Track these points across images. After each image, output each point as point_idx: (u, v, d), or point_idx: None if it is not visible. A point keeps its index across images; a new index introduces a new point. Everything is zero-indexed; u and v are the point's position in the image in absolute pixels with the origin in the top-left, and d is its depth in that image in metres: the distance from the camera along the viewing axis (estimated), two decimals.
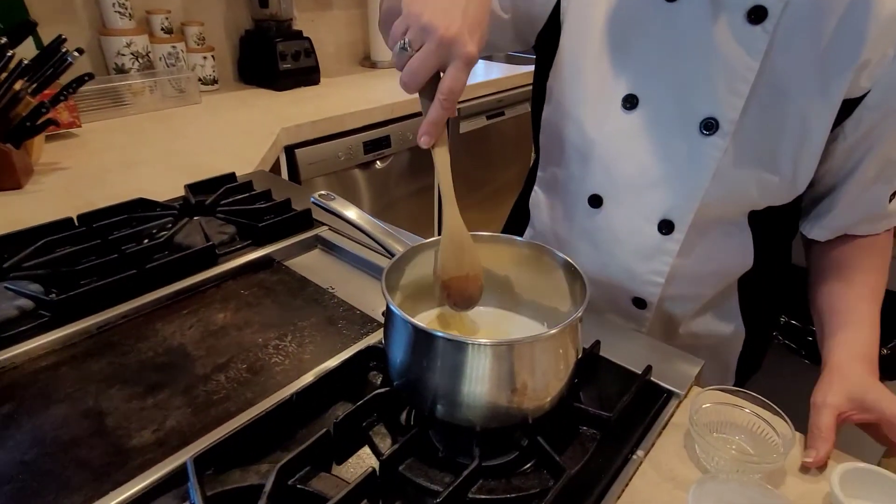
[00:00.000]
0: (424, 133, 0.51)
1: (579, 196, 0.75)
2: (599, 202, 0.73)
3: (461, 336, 0.45)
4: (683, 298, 0.75)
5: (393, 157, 1.82)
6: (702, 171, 0.64)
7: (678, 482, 0.51)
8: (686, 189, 0.66)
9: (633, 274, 0.74)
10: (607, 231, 0.73)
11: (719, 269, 0.74)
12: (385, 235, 0.61)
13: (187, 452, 0.52)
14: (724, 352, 0.83)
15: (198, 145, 1.34)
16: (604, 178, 0.71)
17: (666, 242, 0.69)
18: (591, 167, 0.71)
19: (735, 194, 0.66)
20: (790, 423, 0.50)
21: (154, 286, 0.76)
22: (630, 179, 0.69)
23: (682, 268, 0.72)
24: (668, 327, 0.79)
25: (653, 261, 0.71)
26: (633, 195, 0.70)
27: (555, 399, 0.50)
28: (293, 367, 0.64)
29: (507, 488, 0.48)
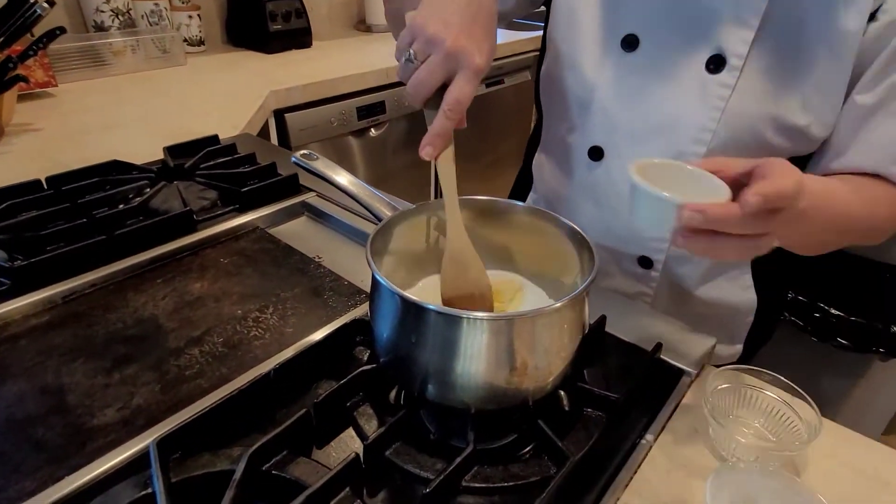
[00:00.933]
0: (428, 144, 0.48)
1: (579, 150, 0.70)
2: (600, 154, 0.68)
3: (454, 309, 0.40)
4: (693, 260, 0.70)
5: (388, 124, 1.75)
6: (709, 113, 0.59)
7: (691, 470, 0.47)
8: (691, 134, 0.61)
9: (637, 231, 0.69)
10: (609, 185, 0.68)
11: None
12: (372, 199, 0.55)
13: (153, 433, 0.47)
14: (734, 323, 0.78)
15: (181, 108, 1.27)
16: (604, 128, 0.67)
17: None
18: (591, 116, 0.67)
19: (747, 139, 0.60)
20: (816, 407, 0.45)
21: (126, 253, 0.70)
22: (631, 127, 0.64)
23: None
24: (676, 292, 0.74)
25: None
26: (634, 144, 0.65)
27: (557, 379, 0.45)
28: (273, 342, 0.59)
29: (505, 476, 0.44)
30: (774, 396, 0.49)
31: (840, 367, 1.27)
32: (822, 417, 0.45)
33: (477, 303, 0.51)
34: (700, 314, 0.75)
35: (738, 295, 0.75)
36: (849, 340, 1.17)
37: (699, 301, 0.74)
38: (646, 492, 0.45)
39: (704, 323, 0.75)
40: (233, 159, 0.93)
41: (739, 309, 0.76)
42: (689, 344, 0.59)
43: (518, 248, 0.56)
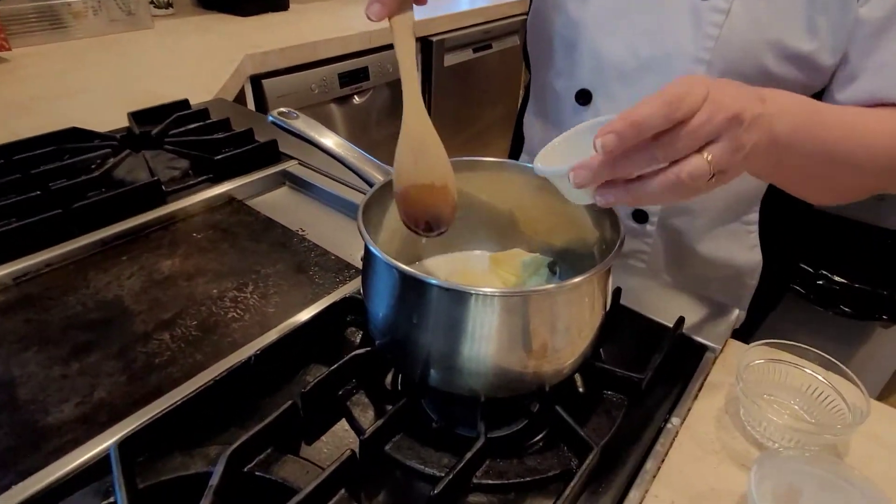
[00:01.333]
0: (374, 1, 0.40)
1: (567, 95, 0.66)
2: (588, 98, 0.64)
3: (461, 284, 0.35)
4: (689, 210, 0.66)
5: (372, 91, 1.66)
6: (702, 42, 0.55)
7: (723, 456, 0.42)
8: (685, 67, 0.56)
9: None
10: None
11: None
12: (362, 162, 0.49)
13: (118, 431, 0.41)
14: (737, 285, 0.73)
15: (147, 73, 1.18)
16: (591, 68, 0.62)
17: None
18: (578, 57, 0.63)
19: (747, 69, 0.54)
20: (863, 388, 0.41)
21: (86, 228, 0.63)
22: (620, 65, 0.60)
23: None
24: (675, 249, 0.69)
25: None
26: (624, 83, 0.60)
27: (578, 361, 0.40)
28: (254, 324, 0.53)
29: (521, 470, 0.39)
30: (814, 374, 0.44)
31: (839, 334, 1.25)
32: (870, 399, 0.40)
33: (436, 195, 0.44)
34: (701, 275, 0.70)
35: (743, 255, 0.70)
36: (851, 308, 1.14)
37: (700, 260, 0.69)
38: (676, 482, 0.40)
39: (705, 285, 0.71)
40: (205, 125, 0.85)
41: (743, 270, 0.72)
42: (710, 317, 0.54)
43: (525, 215, 0.51)
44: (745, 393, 0.43)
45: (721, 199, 0.65)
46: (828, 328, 1.23)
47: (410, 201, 0.44)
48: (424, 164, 0.43)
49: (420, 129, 0.43)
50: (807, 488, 0.37)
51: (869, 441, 0.43)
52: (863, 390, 0.41)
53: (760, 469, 0.36)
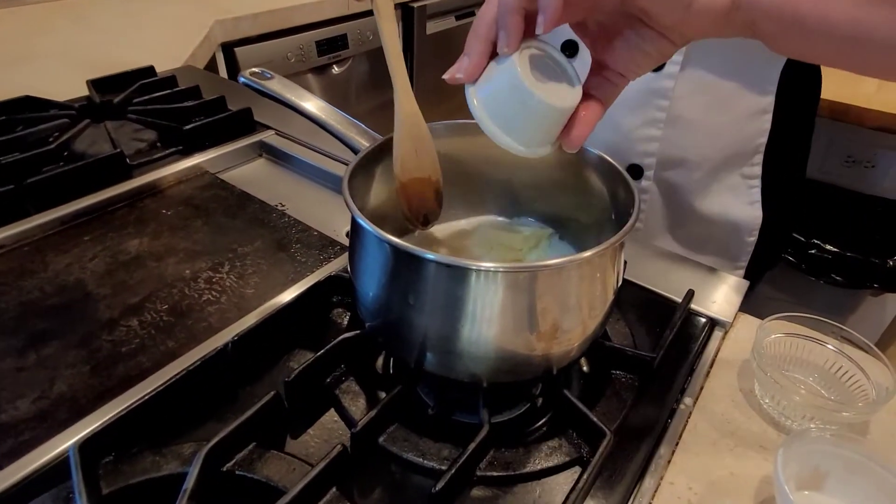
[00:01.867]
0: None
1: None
2: (574, 49, 0.60)
3: (462, 259, 0.31)
4: (686, 163, 0.62)
5: (352, 60, 1.59)
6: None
7: (739, 437, 0.40)
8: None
9: (622, 133, 0.61)
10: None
11: (729, 122, 0.60)
12: (346, 126, 0.44)
13: (81, 429, 0.37)
14: (735, 243, 0.71)
15: (109, 40, 1.10)
16: None
17: (658, 80, 0.57)
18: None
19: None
20: (890, 365, 0.38)
21: (43, 206, 0.58)
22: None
23: (681, 116, 0.59)
24: (673, 206, 0.66)
25: (645, 108, 0.59)
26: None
27: (587, 342, 0.37)
28: (231, 307, 0.49)
29: (527, 459, 0.36)
30: (835, 350, 0.41)
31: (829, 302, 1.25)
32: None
33: (430, 188, 0.42)
34: (699, 233, 0.68)
35: (743, 210, 0.67)
36: (843, 276, 1.14)
37: (698, 216, 0.67)
38: (693, 468, 0.37)
39: (703, 244, 0.69)
40: (172, 93, 0.79)
41: (741, 226, 0.69)
42: (719, 289, 0.52)
43: (524, 182, 0.47)
44: (761, 369, 0.40)
45: (719, 150, 0.62)
46: (819, 297, 1.23)
47: (411, 195, 0.42)
48: (423, 156, 0.41)
49: (415, 118, 0.40)
50: (833, 471, 0.35)
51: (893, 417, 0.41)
52: (889, 366, 0.38)
53: (786, 452, 0.34)
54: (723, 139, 0.61)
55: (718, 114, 0.59)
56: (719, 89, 0.58)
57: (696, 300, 0.49)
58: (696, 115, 0.59)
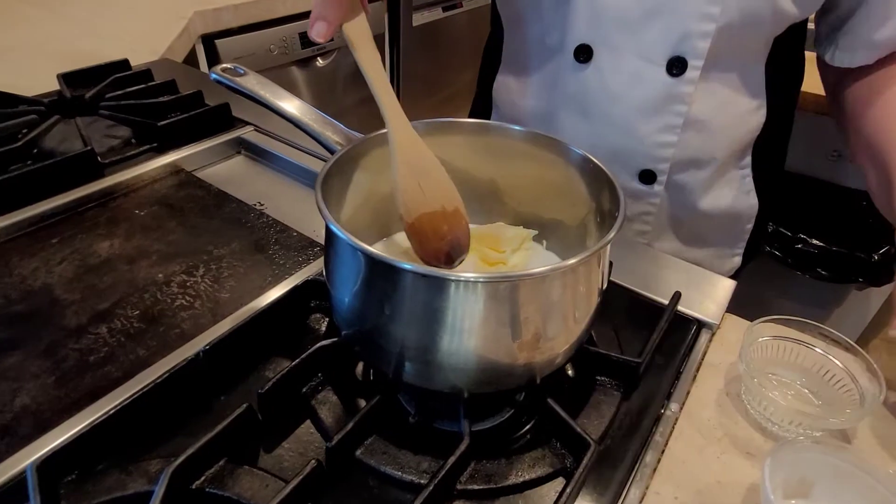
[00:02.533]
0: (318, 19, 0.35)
1: (562, 53, 0.59)
2: (588, 54, 0.57)
3: (440, 270, 0.29)
4: (696, 163, 0.61)
5: (337, 52, 1.56)
6: None
7: (727, 444, 0.39)
8: (697, 8, 0.51)
9: (638, 138, 0.59)
10: (601, 90, 0.58)
11: (734, 121, 0.60)
12: (321, 125, 0.42)
13: (41, 446, 0.35)
14: (734, 232, 0.71)
15: (84, 32, 1.06)
16: (589, 19, 0.55)
17: (678, 86, 0.55)
18: (573, 8, 0.55)
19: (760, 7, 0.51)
20: (878, 369, 0.38)
21: (8, 206, 0.55)
22: (624, 11, 0.53)
23: (696, 120, 0.58)
24: (678, 207, 0.65)
25: (663, 114, 0.57)
26: (629, 33, 0.54)
27: (572, 349, 0.36)
28: (206, 312, 0.47)
29: (510, 472, 0.35)
30: (823, 353, 0.41)
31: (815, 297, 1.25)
32: (883, 381, 0.37)
33: (450, 220, 0.39)
34: (704, 227, 0.67)
35: (742, 200, 0.67)
36: (828, 271, 1.14)
37: (703, 212, 0.66)
38: (679, 476, 0.37)
39: (706, 237, 0.68)
40: (147, 87, 0.76)
41: (741, 216, 0.69)
42: (704, 289, 0.51)
43: (509, 183, 0.45)
44: (748, 373, 0.39)
45: (725, 148, 0.61)
46: (804, 291, 1.23)
47: (425, 233, 0.39)
48: (430, 188, 0.38)
49: (414, 149, 0.38)
50: (820, 479, 0.34)
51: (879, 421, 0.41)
52: (876, 370, 0.38)
53: (773, 462, 0.33)
54: (728, 137, 0.60)
55: (725, 113, 0.58)
56: (727, 91, 0.57)
57: (683, 301, 0.48)
58: (708, 117, 0.58)
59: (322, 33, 0.34)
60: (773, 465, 0.33)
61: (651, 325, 0.45)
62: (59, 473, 0.32)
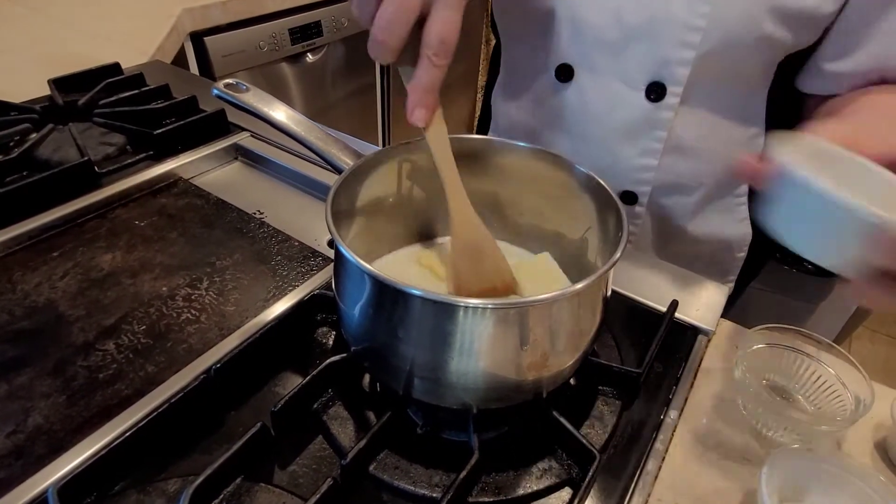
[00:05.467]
0: (418, 106, 0.36)
1: (545, 71, 0.60)
2: (569, 73, 0.58)
3: (449, 297, 0.30)
4: (681, 188, 0.62)
5: (327, 48, 1.55)
6: (695, 7, 0.49)
7: (725, 450, 0.40)
8: (677, 35, 0.51)
9: (618, 159, 0.59)
10: (581, 110, 0.59)
11: (723, 148, 0.59)
12: (327, 143, 0.43)
13: (58, 468, 0.36)
14: (725, 259, 0.72)
15: (70, 32, 1.05)
16: (571, 40, 0.56)
17: (657, 112, 0.55)
18: (556, 28, 0.56)
19: (742, 34, 0.50)
20: (868, 378, 0.39)
21: (6, 221, 0.55)
22: (603, 33, 0.54)
23: (677, 146, 0.58)
24: (664, 229, 0.66)
25: (642, 138, 0.57)
26: (608, 55, 0.55)
27: (577, 362, 0.37)
28: (212, 325, 0.48)
29: (518, 483, 0.36)
30: (816, 360, 0.42)
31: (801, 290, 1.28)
32: (873, 388, 0.39)
33: (500, 294, 0.41)
34: (690, 252, 0.68)
35: (733, 228, 0.67)
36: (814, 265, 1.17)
37: (690, 238, 0.67)
38: (680, 483, 0.38)
39: (694, 262, 0.68)
40: (141, 93, 0.76)
41: (732, 243, 0.70)
42: (699, 296, 0.52)
43: (510, 196, 0.46)
44: (743, 381, 0.41)
45: (713, 175, 0.61)
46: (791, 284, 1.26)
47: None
48: (484, 268, 0.40)
49: (473, 230, 0.40)
50: (815, 485, 0.36)
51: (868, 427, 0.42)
52: (867, 378, 0.39)
53: (769, 470, 0.34)
54: (718, 165, 0.60)
55: (714, 141, 0.58)
56: (715, 118, 0.57)
57: (679, 308, 0.50)
58: (693, 144, 0.58)
59: (423, 119, 0.36)
60: (769, 472, 0.34)
61: (648, 331, 0.47)
62: (79, 496, 0.33)
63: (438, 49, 0.34)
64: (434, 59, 0.34)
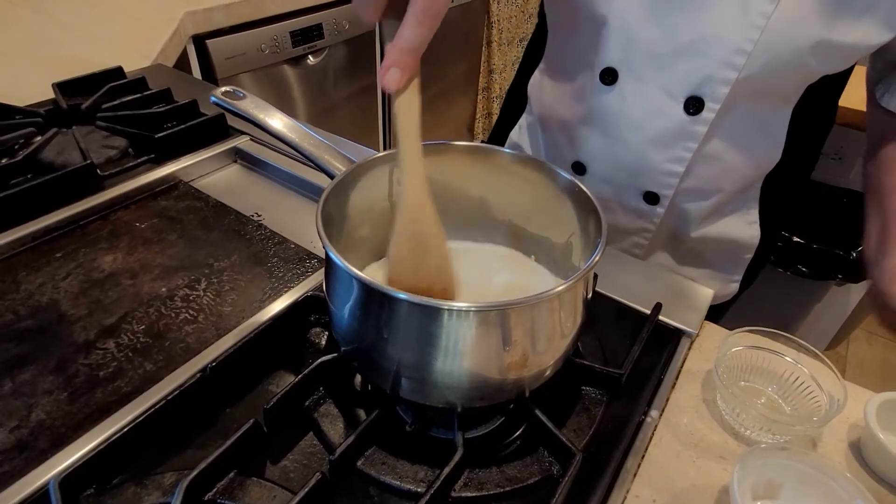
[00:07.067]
0: (394, 65, 0.33)
1: (589, 71, 0.61)
2: (614, 77, 0.59)
3: (433, 300, 0.31)
4: (701, 193, 0.63)
5: (328, 50, 1.56)
6: (747, 32, 0.51)
7: (702, 449, 0.42)
8: (724, 57, 0.52)
9: (648, 164, 0.61)
10: (620, 114, 0.60)
11: (746, 160, 0.61)
12: (320, 149, 0.44)
13: (60, 461, 0.37)
14: (733, 260, 0.73)
15: (73, 34, 1.06)
16: (621, 46, 0.57)
17: (692, 125, 0.57)
18: (607, 32, 0.57)
19: (787, 61, 0.51)
20: (842, 379, 0.41)
21: (11, 223, 0.57)
22: (653, 45, 0.55)
23: (704, 156, 0.60)
24: (678, 228, 0.68)
25: (673, 147, 0.59)
26: (655, 66, 0.56)
27: (559, 362, 0.38)
28: (209, 325, 0.49)
29: (501, 479, 0.37)
30: (793, 362, 0.44)
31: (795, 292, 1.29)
32: (847, 389, 0.40)
33: (434, 295, 0.39)
34: (698, 251, 0.69)
35: (743, 230, 0.69)
36: (809, 268, 1.18)
37: (700, 237, 0.68)
38: (657, 480, 0.39)
39: (701, 260, 0.70)
40: (143, 97, 0.77)
41: (741, 244, 0.71)
42: (683, 299, 0.53)
43: (499, 199, 0.48)
44: (721, 381, 0.42)
45: (734, 181, 0.63)
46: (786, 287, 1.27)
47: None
48: (424, 263, 0.39)
49: (421, 215, 0.38)
50: (787, 483, 0.37)
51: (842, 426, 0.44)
52: (840, 379, 0.41)
53: (742, 467, 0.36)
54: (738, 172, 0.62)
55: (738, 151, 0.60)
56: (743, 132, 0.59)
57: (664, 310, 0.51)
58: (719, 154, 0.60)
59: (397, 81, 0.34)
60: (741, 470, 0.36)
61: (634, 333, 0.48)
62: (79, 488, 0.34)
63: (428, 7, 0.32)
64: (421, 16, 0.32)
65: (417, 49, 0.33)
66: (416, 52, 0.33)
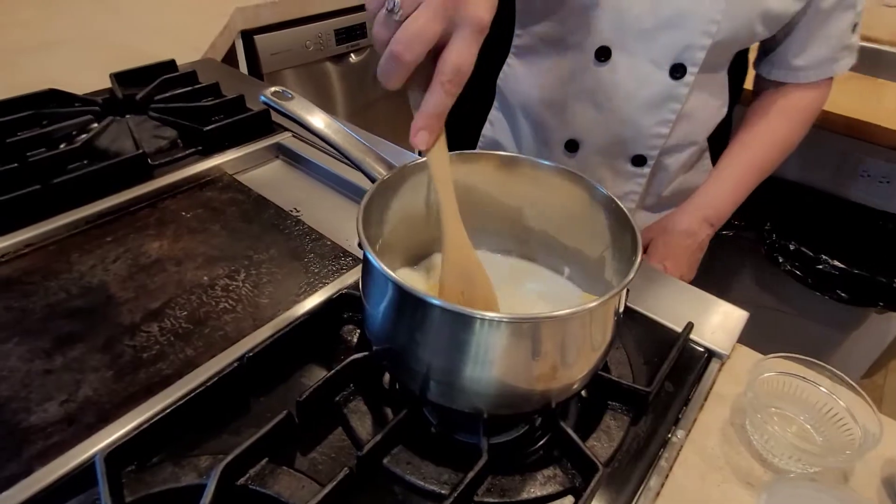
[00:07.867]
0: (422, 128, 0.37)
1: (583, 51, 0.67)
2: (608, 55, 0.66)
3: (467, 308, 0.32)
4: (679, 149, 0.73)
5: (370, 49, 1.59)
6: (716, 4, 0.60)
7: (728, 473, 0.41)
8: (700, 27, 0.62)
9: (637, 129, 0.69)
10: (613, 86, 0.67)
11: (712, 114, 0.73)
12: (362, 152, 0.45)
13: (105, 436, 0.40)
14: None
15: (130, 26, 1.11)
16: (613, 25, 0.64)
17: (676, 88, 0.66)
18: (598, 15, 0.64)
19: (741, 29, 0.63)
20: (878, 412, 0.40)
21: (67, 206, 0.60)
22: (641, 21, 0.63)
23: (684, 114, 0.69)
24: (657, 184, 0.77)
25: (661, 110, 0.67)
26: (643, 39, 0.64)
27: (587, 377, 0.38)
28: (246, 316, 0.51)
29: (523, 487, 0.38)
30: (828, 392, 0.43)
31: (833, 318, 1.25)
32: (883, 423, 0.39)
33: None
34: (672, 201, 0.78)
35: (700, 177, 0.78)
36: (848, 293, 1.14)
37: (676, 188, 0.78)
38: (681, 501, 0.39)
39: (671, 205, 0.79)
40: (193, 90, 0.80)
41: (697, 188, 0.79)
42: (715, 318, 0.53)
43: (535, 211, 0.48)
44: (752, 406, 0.42)
45: (702, 133, 0.74)
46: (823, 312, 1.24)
47: None
48: (472, 297, 0.41)
49: (465, 259, 0.41)
50: None
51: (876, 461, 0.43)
52: (875, 412, 0.40)
53: (770, 495, 0.35)
54: (705, 126, 0.73)
55: (706, 108, 0.71)
56: (708, 89, 0.69)
57: (695, 329, 0.51)
58: (693, 112, 0.69)
59: (426, 142, 0.37)
60: (770, 498, 0.35)
61: (662, 350, 0.48)
62: (121, 464, 0.36)
63: (453, 77, 0.35)
64: (447, 85, 0.35)
65: (442, 115, 0.36)
66: (441, 117, 0.36)
